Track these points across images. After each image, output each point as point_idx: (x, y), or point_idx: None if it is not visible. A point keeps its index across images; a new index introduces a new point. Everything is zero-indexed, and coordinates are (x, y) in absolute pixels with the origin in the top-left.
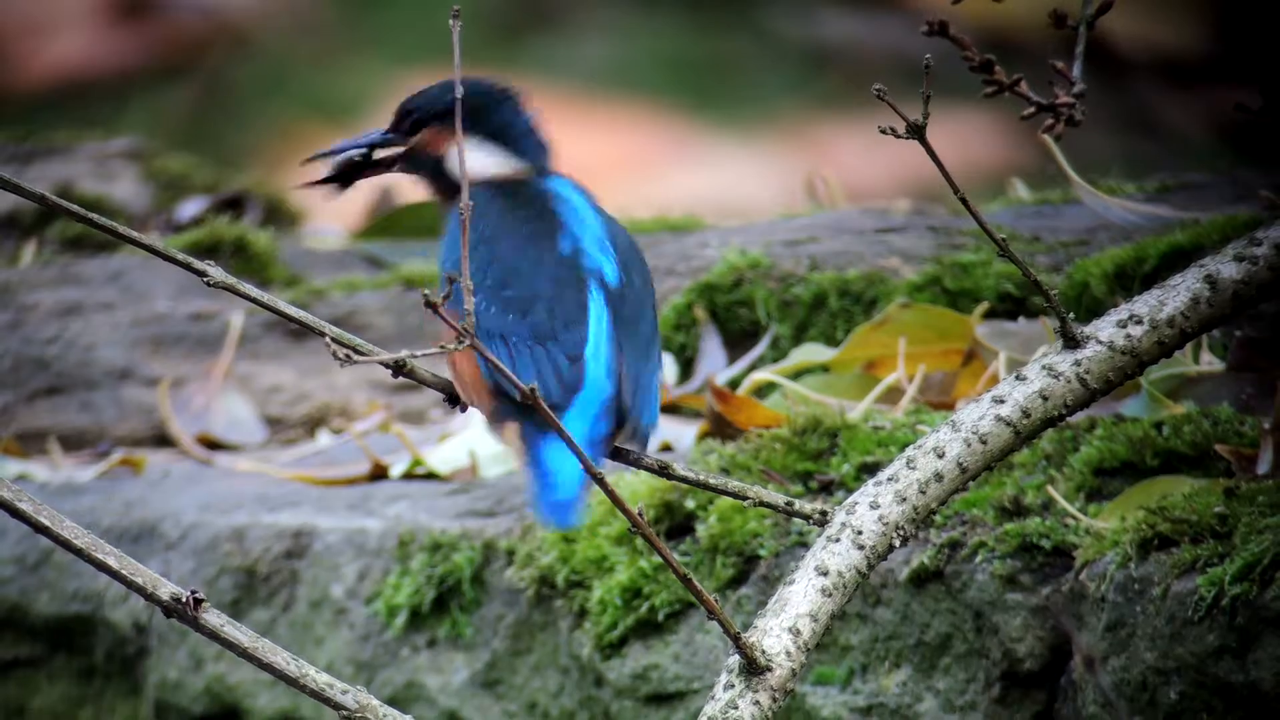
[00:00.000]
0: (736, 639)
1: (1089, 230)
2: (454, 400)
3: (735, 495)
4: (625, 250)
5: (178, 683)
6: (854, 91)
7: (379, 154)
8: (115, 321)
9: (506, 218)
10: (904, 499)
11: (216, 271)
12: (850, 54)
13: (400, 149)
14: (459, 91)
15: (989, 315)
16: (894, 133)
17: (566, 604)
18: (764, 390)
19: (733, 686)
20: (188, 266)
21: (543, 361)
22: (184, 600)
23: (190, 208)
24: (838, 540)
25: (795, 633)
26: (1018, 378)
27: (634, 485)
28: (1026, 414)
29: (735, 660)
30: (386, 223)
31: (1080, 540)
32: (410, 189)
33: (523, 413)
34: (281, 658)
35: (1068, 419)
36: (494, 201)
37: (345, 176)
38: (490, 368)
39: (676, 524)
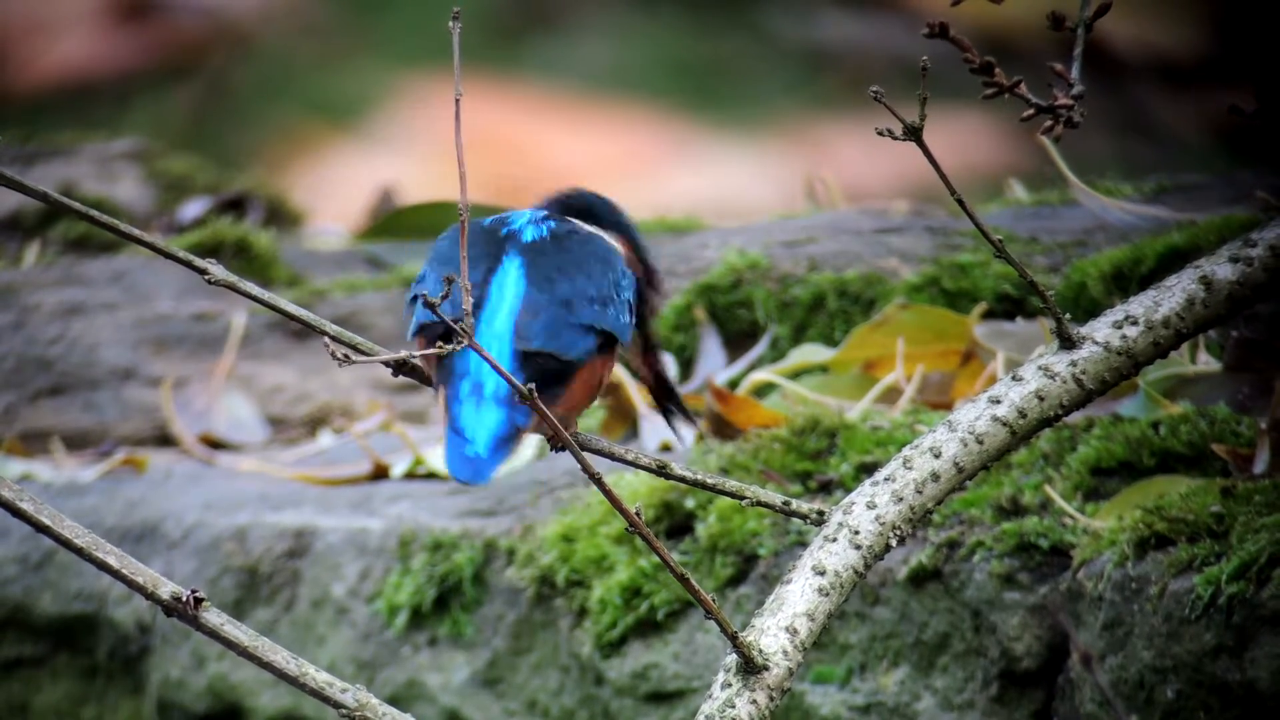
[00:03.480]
0: (734, 638)
1: (1086, 231)
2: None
3: (733, 495)
4: (566, 231)
5: (180, 681)
6: (853, 93)
7: None
8: (118, 322)
9: (455, 239)
10: (901, 499)
11: (218, 269)
12: (849, 55)
13: None
14: (459, 91)
15: (987, 316)
16: (891, 134)
17: (566, 603)
18: (763, 390)
19: (730, 685)
20: (189, 264)
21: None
22: (184, 599)
23: (192, 209)
24: (835, 540)
25: (792, 632)
26: (1014, 378)
27: (633, 485)
28: (1023, 414)
29: (733, 659)
30: (388, 223)
31: (1078, 539)
32: (410, 190)
33: (449, 378)
34: (281, 656)
35: (1064, 419)
36: (454, 235)
37: None
38: (430, 311)
39: (676, 523)
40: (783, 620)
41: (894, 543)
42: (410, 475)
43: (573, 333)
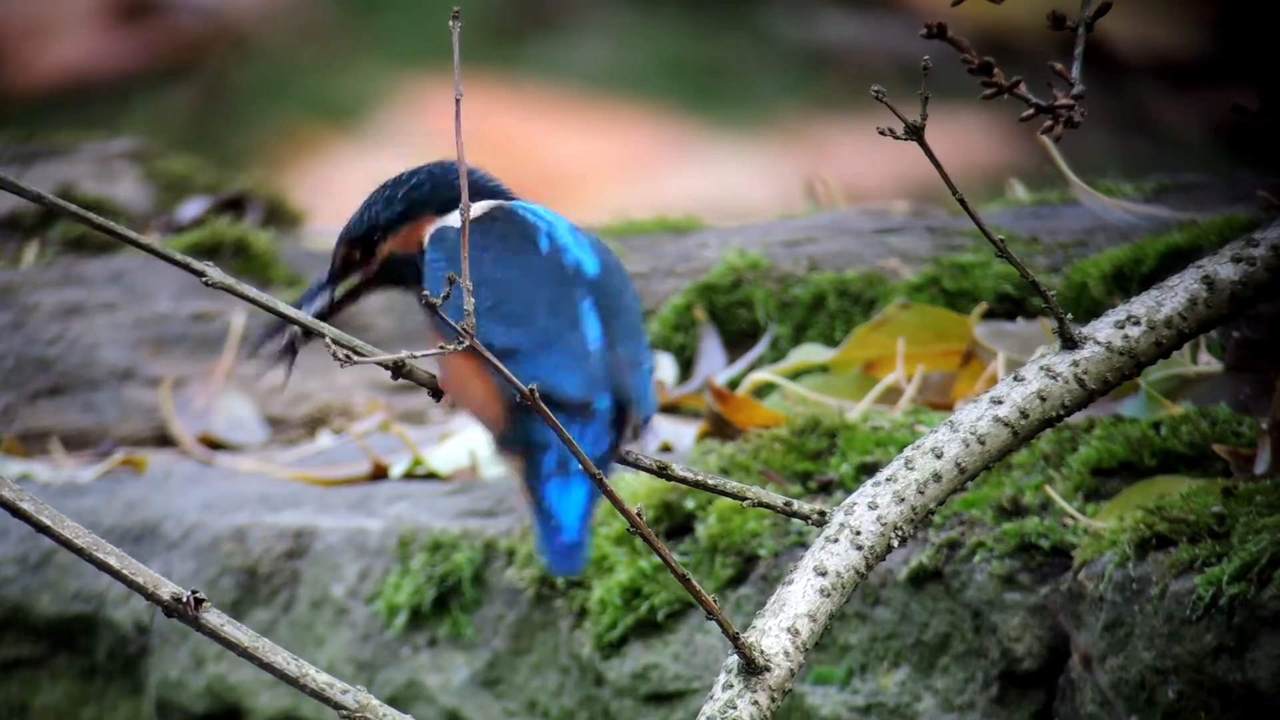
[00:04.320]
0: (735, 639)
1: (1087, 231)
2: (438, 394)
3: (733, 495)
4: (595, 243)
5: (179, 682)
6: (853, 92)
7: (341, 292)
8: (117, 322)
9: (486, 239)
10: (902, 499)
11: (215, 272)
12: (849, 55)
13: (366, 276)
14: (459, 92)
15: (988, 316)
16: (892, 134)
17: (566, 604)
18: (763, 391)
19: (731, 686)
20: (186, 267)
21: (564, 361)
22: (184, 600)
23: (191, 208)
24: (836, 540)
25: (794, 633)
26: (1016, 378)
27: (633, 485)
28: (1024, 414)
29: (734, 660)
30: None
31: (1078, 540)
32: None
33: (531, 444)
34: (281, 657)
35: (1066, 419)
36: (484, 233)
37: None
38: (502, 379)
39: (676, 524)
40: (784, 621)
41: (895, 543)
42: (409, 475)
43: (651, 386)
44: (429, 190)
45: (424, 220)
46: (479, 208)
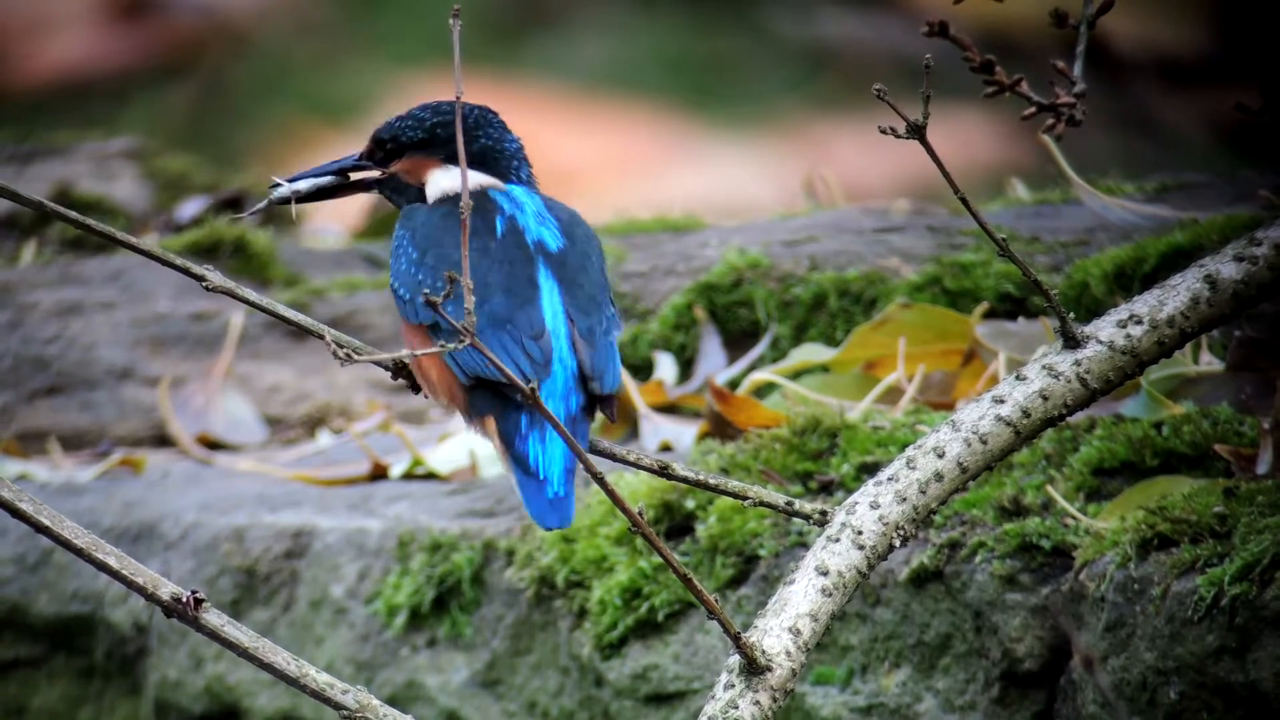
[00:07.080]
0: (736, 639)
1: (1089, 230)
2: (417, 388)
3: (735, 495)
4: (568, 221)
5: (178, 682)
6: (854, 91)
7: (353, 176)
8: (115, 321)
9: (449, 221)
10: (904, 499)
11: (215, 275)
12: (850, 54)
13: (376, 174)
14: (459, 89)
15: (989, 315)
16: (894, 132)
17: (566, 604)
18: (764, 390)
19: (733, 686)
20: (187, 271)
21: (509, 345)
22: (184, 600)
23: (190, 207)
24: (838, 540)
25: (795, 632)
26: (1018, 378)
27: (634, 485)
28: (1026, 414)
29: (735, 660)
30: (386, 222)
31: (1080, 540)
32: None
33: (500, 407)
34: (282, 657)
35: (1068, 419)
36: (447, 215)
37: (315, 196)
38: (492, 365)
39: (676, 524)
40: (786, 621)
41: (897, 543)
42: (409, 475)
43: (614, 357)
44: (450, 134)
45: (432, 161)
46: (470, 183)
